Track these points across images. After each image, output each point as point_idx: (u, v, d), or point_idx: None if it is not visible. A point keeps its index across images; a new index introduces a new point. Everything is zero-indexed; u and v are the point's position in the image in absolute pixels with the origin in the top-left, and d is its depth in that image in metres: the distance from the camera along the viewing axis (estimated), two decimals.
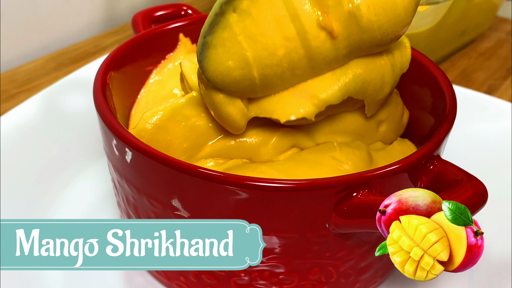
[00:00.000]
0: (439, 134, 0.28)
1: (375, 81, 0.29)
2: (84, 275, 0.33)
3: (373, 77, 0.29)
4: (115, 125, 0.27)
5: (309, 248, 0.27)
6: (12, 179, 0.38)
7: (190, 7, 0.42)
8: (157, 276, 0.32)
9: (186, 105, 0.29)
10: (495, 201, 0.31)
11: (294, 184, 0.24)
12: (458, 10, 0.54)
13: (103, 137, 0.29)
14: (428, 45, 0.54)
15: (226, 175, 0.24)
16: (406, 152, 0.31)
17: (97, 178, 0.40)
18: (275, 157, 0.29)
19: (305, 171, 0.28)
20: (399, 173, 0.25)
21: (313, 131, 0.30)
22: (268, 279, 0.28)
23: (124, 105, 0.35)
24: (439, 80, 0.32)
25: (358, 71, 0.28)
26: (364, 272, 0.30)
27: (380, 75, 0.29)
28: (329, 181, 0.24)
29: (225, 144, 0.29)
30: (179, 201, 0.26)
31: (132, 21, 0.40)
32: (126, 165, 0.27)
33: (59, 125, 0.43)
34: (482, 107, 0.46)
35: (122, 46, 0.34)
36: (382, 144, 0.32)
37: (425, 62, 0.34)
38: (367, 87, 0.29)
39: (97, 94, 0.30)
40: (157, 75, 0.37)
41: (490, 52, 0.64)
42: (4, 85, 0.52)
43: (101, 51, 0.60)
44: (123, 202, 0.31)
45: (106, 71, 0.32)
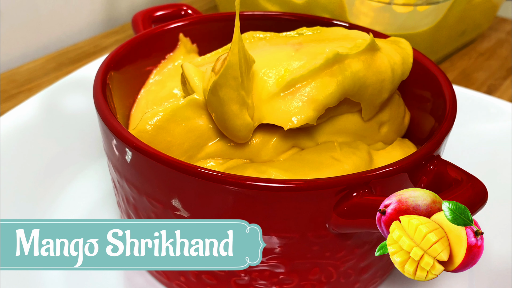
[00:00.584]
0: (439, 134, 0.28)
1: (374, 86, 0.29)
2: (84, 275, 0.33)
3: (373, 80, 0.29)
4: (115, 125, 0.27)
5: (309, 248, 0.27)
6: (12, 179, 0.38)
7: (190, 7, 0.42)
8: (157, 276, 0.32)
9: (187, 107, 0.29)
10: (495, 201, 0.31)
11: (293, 184, 0.24)
12: (458, 10, 0.54)
13: (103, 137, 0.29)
14: (428, 45, 0.54)
15: (226, 175, 0.24)
16: (406, 152, 0.31)
17: (97, 178, 0.40)
18: (276, 157, 0.29)
19: (305, 171, 0.28)
20: (399, 173, 0.25)
21: (314, 131, 0.30)
22: (268, 279, 0.28)
23: (124, 105, 0.35)
24: (439, 80, 0.32)
25: (356, 70, 0.28)
26: (364, 272, 0.30)
27: (379, 80, 0.29)
28: (328, 181, 0.24)
29: (225, 145, 0.29)
30: (179, 201, 0.26)
31: (132, 21, 0.40)
32: (126, 165, 0.27)
33: (59, 125, 0.43)
34: (482, 107, 0.46)
35: (122, 46, 0.34)
36: (382, 144, 0.32)
37: (425, 62, 0.34)
38: (365, 90, 0.29)
39: (97, 94, 0.30)
40: (157, 75, 0.37)
41: (490, 52, 0.64)
42: (4, 85, 0.52)
43: (101, 51, 0.60)
44: (123, 202, 0.31)
45: (106, 71, 0.32)
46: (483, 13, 0.61)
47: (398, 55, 0.31)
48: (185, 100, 0.29)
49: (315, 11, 0.53)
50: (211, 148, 0.29)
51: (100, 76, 0.31)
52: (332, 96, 0.28)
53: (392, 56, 0.30)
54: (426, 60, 0.34)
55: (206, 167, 0.26)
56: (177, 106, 0.29)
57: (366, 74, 0.29)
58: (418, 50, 0.35)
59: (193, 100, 0.29)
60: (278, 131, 0.29)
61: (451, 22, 0.55)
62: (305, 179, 0.24)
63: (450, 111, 0.29)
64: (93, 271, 0.32)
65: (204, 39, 0.39)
